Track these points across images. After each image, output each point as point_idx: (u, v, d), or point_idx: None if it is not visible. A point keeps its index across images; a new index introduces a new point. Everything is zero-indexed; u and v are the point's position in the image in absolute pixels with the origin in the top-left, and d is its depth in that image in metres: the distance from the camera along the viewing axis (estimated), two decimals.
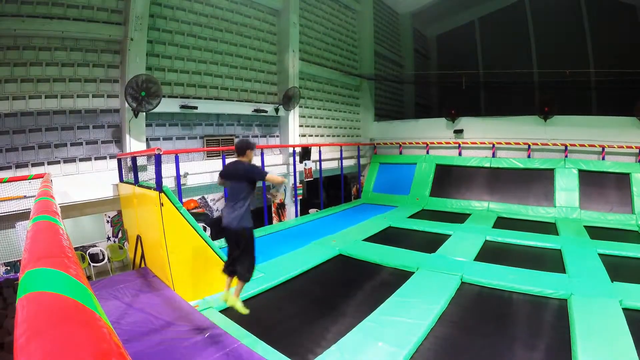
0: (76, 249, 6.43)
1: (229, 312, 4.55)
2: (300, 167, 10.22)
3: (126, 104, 6.57)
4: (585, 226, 8.25)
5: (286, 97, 9.72)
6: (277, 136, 10.56)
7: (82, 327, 0.72)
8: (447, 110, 12.15)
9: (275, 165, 9.97)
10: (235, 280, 3.47)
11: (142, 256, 5.80)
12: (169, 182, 6.81)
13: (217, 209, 11.96)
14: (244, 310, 3.36)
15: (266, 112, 9.69)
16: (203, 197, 9.08)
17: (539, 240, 7.12)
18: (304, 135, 11.25)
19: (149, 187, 5.09)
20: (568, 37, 14.00)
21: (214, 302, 4.68)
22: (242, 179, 3.17)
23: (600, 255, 6.15)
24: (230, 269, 3.41)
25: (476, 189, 10.86)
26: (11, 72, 5.89)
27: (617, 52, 12.64)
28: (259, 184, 4.40)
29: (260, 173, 3.18)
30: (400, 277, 5.47)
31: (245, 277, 3.35)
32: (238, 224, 3.19)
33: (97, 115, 6.85)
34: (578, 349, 3.42)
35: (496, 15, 16.03)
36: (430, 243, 7.01)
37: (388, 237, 7.73)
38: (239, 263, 3.32)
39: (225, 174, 3.37)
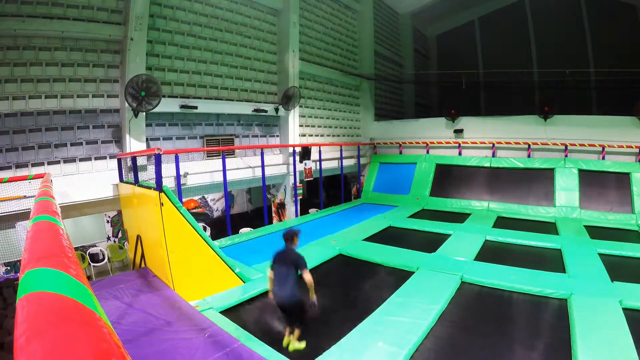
0: (76, 249, 6.43)
1: (229, 312, 4.56)
2: (300, 166, 10.22)
3: (126, 104, 6.57)
4: (585, 226, 8.25)
5: (286, 97, 9.72)
6: (277, 136, 10.56)
7: (82, 327, 0.72)
8: (447, 110, 12.15)
9: (275, 165, 9.98)
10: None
11: (142, 256, 5.80)
12: (169, 182, 6.81)
13: (217, 209, 11.97)
14: (302, 346, 3.83)
15: (266, 112, 9.69)
16: (203, 197, 9.08)
17: (539, 240, 7.12)
18: (304, 135, 11.25)
19: (149, 187, 5.09)
20: (568, 37, 14.00)
21: (214, 302, 4.68)
22: (291, 265, 3.79)
23: (600, 255, 6.15)
24: (290, 325, 3.95)
25: (476, 188, 10.86)
26: (11, 72, 5.89)
27: (617, 52, 12.65)
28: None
29: (303, 265, 3.77)
30: (400, 277, 5.47)
31: (302, 327, 3.88)
32: (292, 299, 3.73)
33: (97, 115, 6.85)
34: (578, 349, 3.42)
35: (496, 15, 16.04)
36: (430, 243, 7.01)
37: (388, 237, 7.73)
38: (297, 321, 3.87)
39: (276, 260, 3.94)
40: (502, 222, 8.92)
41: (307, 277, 3.69)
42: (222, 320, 4.21)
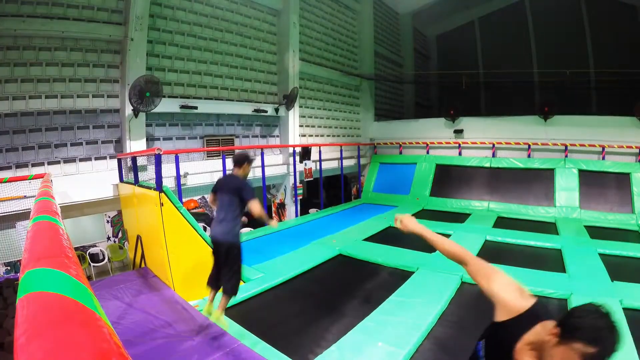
0: (76, 249, 6.43)
1: (229, 312, 4.55)
2: (300, 167, 10.22)
3: (126, 104, 6.58)
4: (585, 226, 8.24)
5: (286, 97, 9.71)
6: (277, 136, 10.57)
7: (82, 327, 0.72)
8: (447, 110, 12.15)
9: (275, 165, 9.98)
10: (219, 294, 3.39)
11: (142, 256, 5.81)
12: (169, 182, 6.81)
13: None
14: (226, 326, 3.27)
15: (266, 112, 9.69)
16: (203, 197, 9.06)
17: (539, 240, 7.11)
18: (304, 135, 11.25)
19: (149, 187, 5.09)
20: (568, 37, 14.00)
21: (214, 301, 4.67)
22: (234, 193, 3.14)
23: (600, 255, 6.15)
24: (216, 282, 3.35)
25: (476, 188, 10.86)
26: (11, 72, 5.89)
27: (617, 52, 12.65)
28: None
29: (248, 194, 3.09)
30: (400, 277, 5.47)
31: (230, 292, 3.28)
32: (226, 238, 3.13)
33: (97, 115, 6.85)
34: None
35: (496, 15, 16.03)
36: None
37: (388, 237, 7.71)
38: (225, 277, 3.26)
39: (217, 187, 3.34)
40: (502, 222, 8.91)
41: (255, 208, 3.02)
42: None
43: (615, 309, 4.09)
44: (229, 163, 8.31)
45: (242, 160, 3.28)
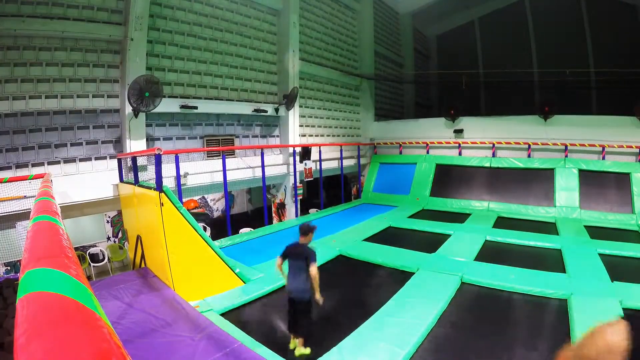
0: (76, 249, 6.43)
1: (229, 314, 4.56)
2: (300, 167, 10.22)
3: (126, 104, 6.58)
4: (585, 226, 8.25)
5: (286, 97, 9.70)
6: (277, 136, 10.56)
7: (82, 327, 0.72)
8: (447, 110, 12.15)
9: (275, 165, 9.98)
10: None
11: (142, 256, 5.80)
12: (169, 182, 6.81)
13: (217, 209, 11.98)
14: (308, 350, 3.80)
15: (266, 112, 9.69)
16: (203, 197, 9.08)
17: (539, 240, 7.11)
18: (304, 135, 11.25)
19: (149, 187, 5.09)
20: (568, 37, 14.01)
21: (215, 303, 4.68)
22: (304, 259, 3.77)
23: (600, 255, 6.15)
24: (294, 327, 3.93)
25: (476, 188, 10.86)
26: (11, 72, 5.89)
27: (617, 52, 12.65)
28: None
29: (314, 258, 3.74)
30: (400, 277, 5.47)
31: (305, 334, 3.85)
32: (303, 296, 3.77)
33: (97, 115, 6.85)
34: None
35: (496, 15, 16.04)
36: (430, 243, 7.01)
37: (388, 237, 7.72)
38: (300, 324, 3.86)
39: (287, 253, 3.93)
40: (502, 222, 8.91)
41: (314, 270, 3.64)
42: (222, 320, 4.21)
43: (615, 309, 4.11)
44: (229, 163, 8.36)
45: (308, 231, 3.92)
